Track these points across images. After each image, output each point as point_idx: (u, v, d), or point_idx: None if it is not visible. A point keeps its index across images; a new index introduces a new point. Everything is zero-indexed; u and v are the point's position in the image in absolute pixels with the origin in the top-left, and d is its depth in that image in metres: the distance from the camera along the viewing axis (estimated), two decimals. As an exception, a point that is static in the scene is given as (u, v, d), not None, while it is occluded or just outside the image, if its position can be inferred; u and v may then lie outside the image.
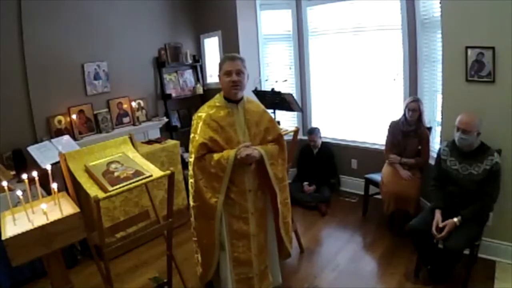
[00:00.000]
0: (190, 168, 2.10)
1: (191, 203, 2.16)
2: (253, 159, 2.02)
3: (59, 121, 3.67)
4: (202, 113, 2.10)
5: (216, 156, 2.01)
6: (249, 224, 2.12)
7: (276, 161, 2.15)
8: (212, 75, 4.85)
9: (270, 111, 3.90)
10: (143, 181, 1.96)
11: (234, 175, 2.03)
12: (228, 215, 2.10)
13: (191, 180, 2.11)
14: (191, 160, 2.09)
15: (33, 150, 3.01)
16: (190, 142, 2.11)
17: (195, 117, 2.14)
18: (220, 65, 2.10)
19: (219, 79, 2.12)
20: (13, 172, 3.04)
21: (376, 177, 3.46)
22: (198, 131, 2.05)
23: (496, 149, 2.44)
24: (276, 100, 3.74)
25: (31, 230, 1.68)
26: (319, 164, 4.08)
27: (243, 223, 2.12)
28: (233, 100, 2.11)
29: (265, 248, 2.24)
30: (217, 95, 2.18)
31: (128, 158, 2.14)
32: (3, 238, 1.64)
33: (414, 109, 3.09)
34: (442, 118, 2.95)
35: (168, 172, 1.99)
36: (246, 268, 2.16)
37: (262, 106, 2.30)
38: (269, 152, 2.11)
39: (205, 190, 2.03)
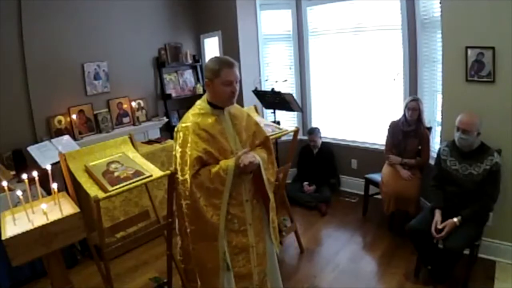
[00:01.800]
0: (184, 188, 1.83)
1: (186, 227, 1.88)
2: (255, 166, 1.90)
3: (59, 121, 3.67)
4: (188, 123, 1.86)
5: (213, 169, 1.82)
6: (247, 236, 2.01)
7: (267, 165, 2.05)
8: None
9: (270, 111, 3.98)
10: (143, 181, 1.97)
11: (232, 187, 1.87)
12: (227, 231, 1.93)
13: (186, 202, 1.83)
14: (183, 178, 1.82)
15: (33, 150, 3.01)
16: (179, 157, 1.84)
17: (179, 128, 1.88)
18: (216, 71, 1.82)
19: (211, 85, 1.86)
20: (13, 172, 3.04)
21: (376, 177, 3.46)
22: (189, 144, 1.82)
23: (496, 149, 2.44)
24: (276, 100, 3.74)
25: (31, 230, 1.68)
26: (319, 164, 4.09)
27: (242, 236, 1.99)
28: (219, 106, 1.92)
29: (264, 257, 2.14)
30: (199, 102, 1.96)
31: (128, 158, 2.14)
32: (3, 238, 1.65)
33: (414, 108, 3.10)
34: (442, 118, 2.95)
35: (168, 172, 1.99)
36: (247, 281, 2.05)
37: (244, 110, 2.17)
38: (262, 157, 2.00)
39: (206, 209, 1.82)
